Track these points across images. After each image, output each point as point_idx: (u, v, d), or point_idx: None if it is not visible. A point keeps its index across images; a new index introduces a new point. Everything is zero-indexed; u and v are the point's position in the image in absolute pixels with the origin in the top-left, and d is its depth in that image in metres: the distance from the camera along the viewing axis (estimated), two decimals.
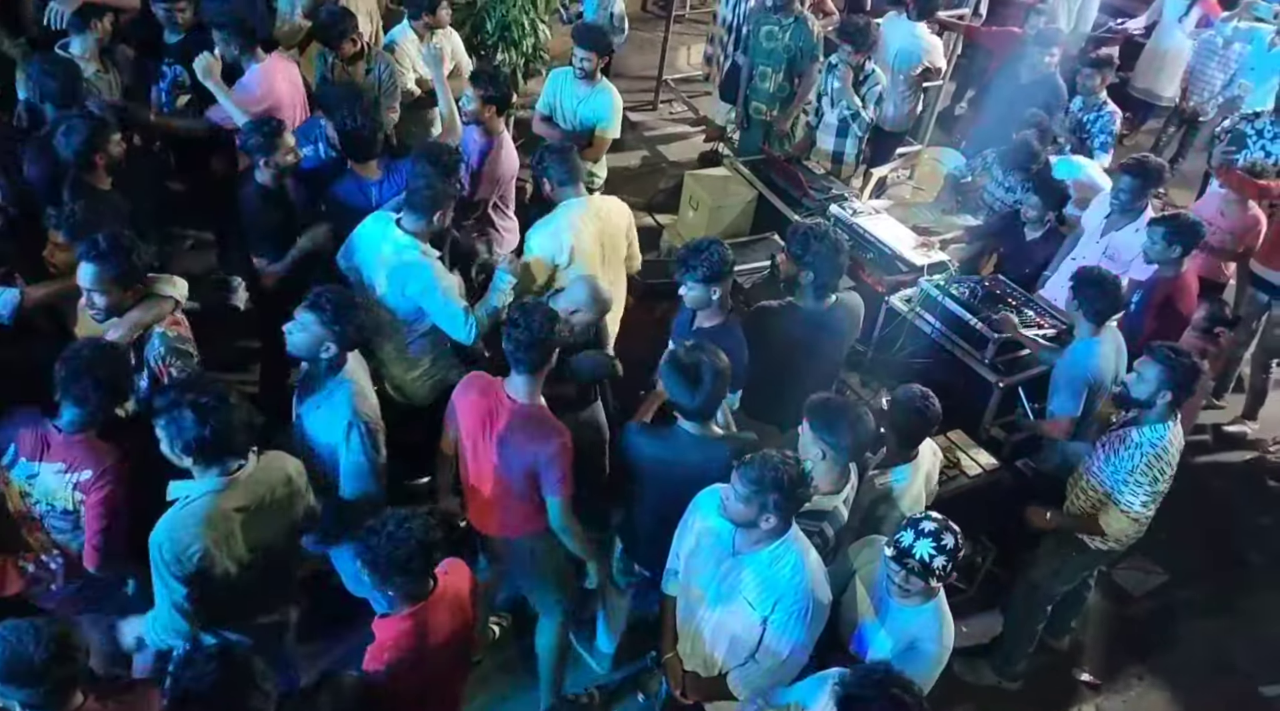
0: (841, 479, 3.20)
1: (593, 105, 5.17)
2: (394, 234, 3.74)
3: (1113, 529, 3.63)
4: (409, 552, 2.53)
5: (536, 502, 3.27)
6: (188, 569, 2.68)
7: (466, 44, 5.75)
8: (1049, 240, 5.03)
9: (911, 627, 2.91)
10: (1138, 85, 7.52)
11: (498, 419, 3.20)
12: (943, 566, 2.76)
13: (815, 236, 3.74)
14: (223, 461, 2.73)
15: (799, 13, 6.08)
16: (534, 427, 3.18)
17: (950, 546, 2.76)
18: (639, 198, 7.02)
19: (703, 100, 8.00)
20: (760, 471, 2.70)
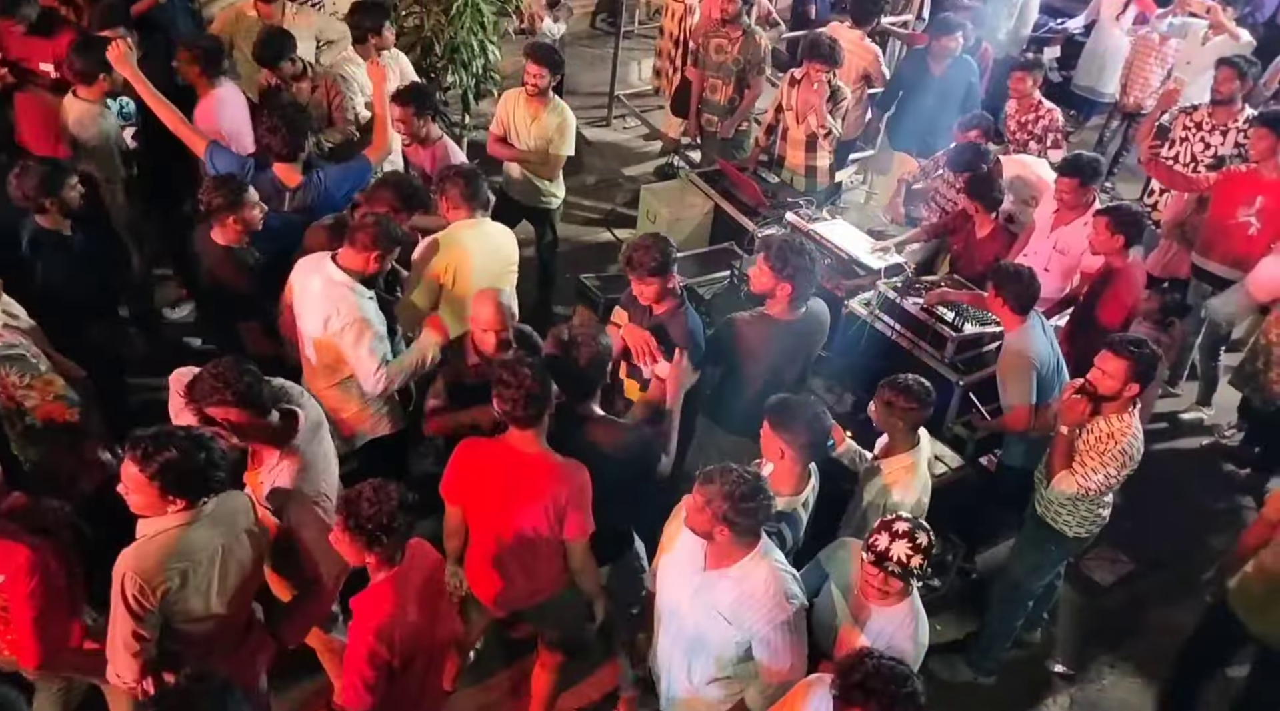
0: (801, 481, 3.23)
1: (546, 124, 5.19)
2: (328, 269, 3.62)
3: (1062, 485, 3.70)
4: (391, 512, 2.64)
5: (562, 554, 3.26)
6: (152, 602, 2.65)
7: (416, 67, 5.75)
8: (998, 238, 5.12)
9: (888, 628, 2.93)
10: (1080, 83, 7.68)
11: (511, 478, 3.12)
12: (920, 564, 2.80)
13: (793, 250, 3.79)
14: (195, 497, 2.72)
15: (747, 26, 6.15)
16: (551, 474, 3.13)
17: (925, 544, 2.80)
18: (597, 213, 7.06)
19: (655, 114, 8.05)
20: (712, 481, 2.73)
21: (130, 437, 2.67)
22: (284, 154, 4.18)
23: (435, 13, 6.02)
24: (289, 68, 4.90)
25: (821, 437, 3.18)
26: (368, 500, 2.65)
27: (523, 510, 3.14)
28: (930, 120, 6.30)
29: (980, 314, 4.66)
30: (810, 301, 3.99)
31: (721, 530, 2.76)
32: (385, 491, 2.67)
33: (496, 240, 4.19)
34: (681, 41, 6.97)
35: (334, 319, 3.57)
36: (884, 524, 2.86)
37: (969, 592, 4.60)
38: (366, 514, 2.63)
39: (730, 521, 2.74)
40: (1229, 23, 6.73)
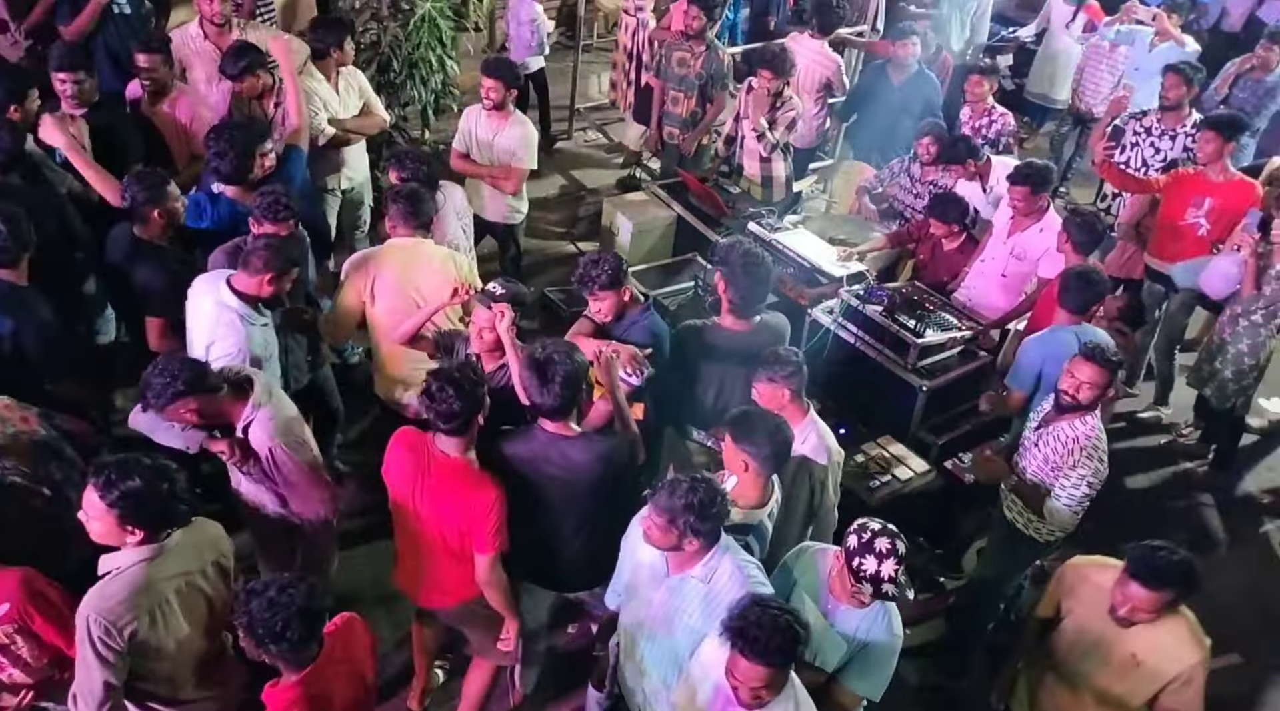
0: (766, 492, 3.24)
1: (507, 138, 5.18)
2: (221, 292, 3.58)
3: (1056, 518, 3.72)
4: (286, 619, 2.43)
5: (470, 562, 3.22)
6: (120, 643, 2.59)
7: (374, 83, 5.72)
8: (964, 249, 5.19)
9: (861, 626, 2.97)
10: (1032, 90, 7.82)
11: (428, 475, 3.15)
12: (906, 578, 2.89)
13: (736, 252, 3.82)
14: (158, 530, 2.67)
15: (710, 41, 6.19)
16: (464, 482, 3.14)
17: (904, 551, 2.85)
18: (560, 226, 7.06)
19: (616, 127, 8.07)
20: (670, 498, 2.74)
21: (94, 464, 2.63)
22: (232, 177, 4.16)
23: (393, 28, 6.00)
24: (254, 83, 4.85)
25: (784, 448, 3.19)
26: (268, 601, 2.44)
27: (434, 510, 3.16)
28: (889, 130, 6.39)
29: (942, 319, 4.71)
30: (768, 314, 4.02)
31: (691, 541, 2.79)
32: (289, 594, 2.44)
33: (431, 262, 4.07)
34: (635, 54, 7.00)
35: (215, 346, 3.57)
36: (864, 545, 2.84)
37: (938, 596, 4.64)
38: (260, 617, 2.43)
39: (699, 531, 2.77)
40: (1175, 30, 6.89)
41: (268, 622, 2.43)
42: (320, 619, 2.54)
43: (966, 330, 4.73)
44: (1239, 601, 4.86)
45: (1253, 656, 4.57)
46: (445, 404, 3.01)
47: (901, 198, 5.81)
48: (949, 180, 5.55)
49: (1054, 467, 3.70)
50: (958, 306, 4.97)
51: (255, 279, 3.54)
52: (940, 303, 4.89)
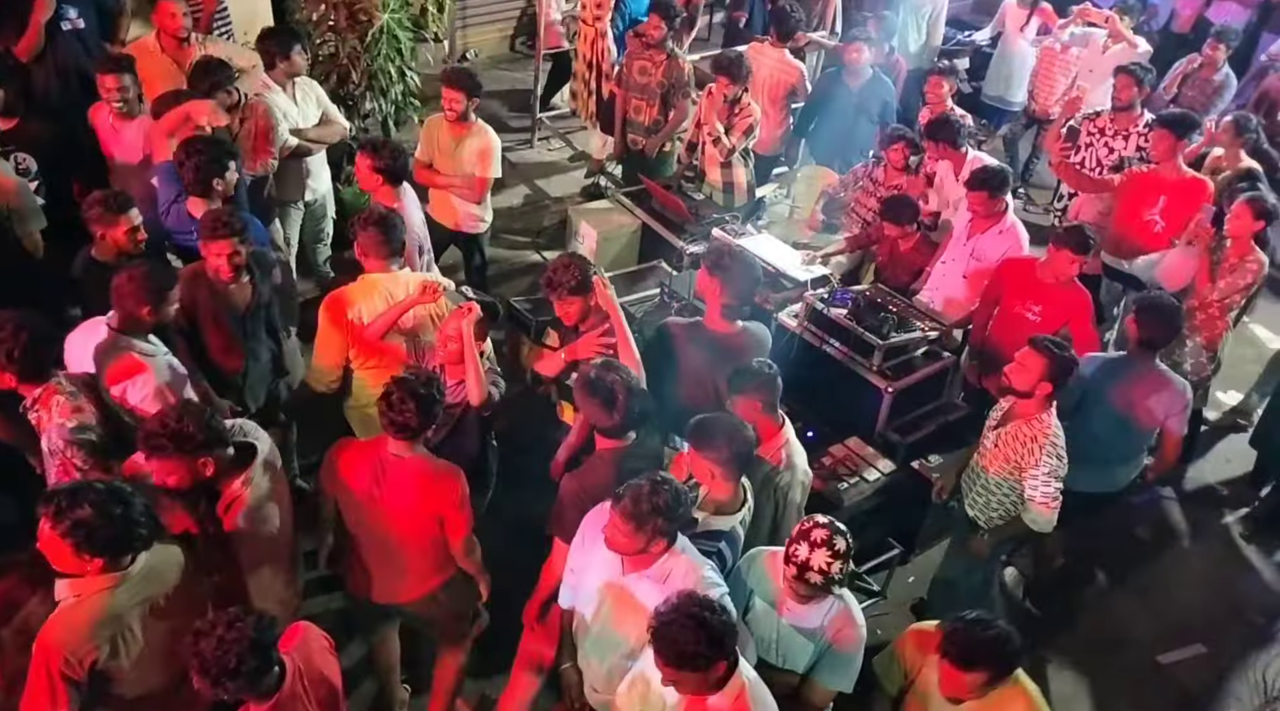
0: (736, 497, 3.25)
1: (470, 148, 5.17)
2: (103, 335, 3.48)
3: (1038, 522, 3.75)
4: (240, 654, 2.36)
5: (443, 547, 3.30)
6: (79, 673, 2.54)
7: (333, 95, 5.68)
8: (921, 249, 5.25)
9: (823, 622, 2.98)
10: (989, 93, 7.92)
11: (385, 478, 3.19)
12: (841, 570, 2.85)
13: (730, 253, 3.88)
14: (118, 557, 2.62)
15: (670, 50, 6.22)
16: (433, 475, 3.21)
17: (843, 549, 2.85)
18: (524, 235, 7.04)
19: (579, 135, 8.07)
20: (637, 505, 2.74)
21: (44, 493, 2.58)
22: (195, 188, 4.13)
23: (351, 40, 5.96)
24: (225, 99, 4.80)
25: (747, 447, 3.19)
26: (217, 639, 2.36)
27: (401, 509, 3.20)
28: (847, 135, 6.46)
29: (906, 321, 4.76)
30: (749, 323, 4.04)
31: (658, 542, 2.81)
32: (237, 629, 2.37)
33: (410, 291, 3.98)
34: (594, 63, 7.03)
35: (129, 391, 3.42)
36: (801, 532, 2.88)
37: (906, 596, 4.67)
38: (212, 657, 2.35)
39: (665, 532, 2.80)
40: (1127, 32, 7.01)
41: (221, 661, 2.34)
42: (272, 647, 2.48)
43: (930, 331, 4.78)
44: (1202, 592, 4.95)
45: (1217, 646, 4.65)
46: (402, 416, 3.10)
47: (865, 202, 5.86)
48: (930, 167, 5.65)
49: (1016, 467, 3.74)
50: (921, 308, 5.02)
51: (132, 310, 3.44)
52: (903, 304, 4.94)
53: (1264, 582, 5.03)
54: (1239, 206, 4.88)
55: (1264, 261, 4.95)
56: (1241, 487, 5.53)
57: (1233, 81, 6.88)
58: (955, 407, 5.00)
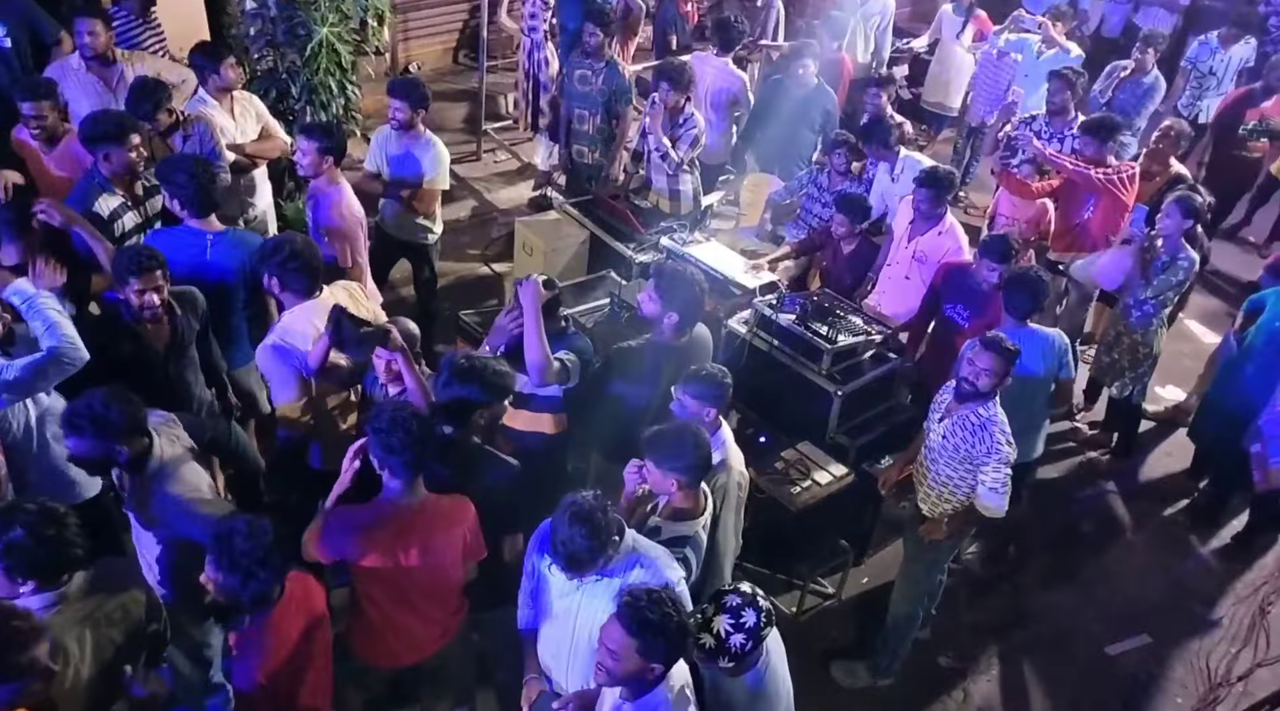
0: (699, 503, 3.25)
1: (418, 158, 5.13)
2: None
3: (990, 509, 3.81)
4: (266, 549, 2.64)
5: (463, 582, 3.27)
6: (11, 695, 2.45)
7: (273, 110, 5.60)
8: (862, 251, 5.32)
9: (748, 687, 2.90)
10: (929, 100, 8.07)
11: (411, 529, 3.05)
12: (740, 645, 2.66)
13: (683, 281, 3.88)
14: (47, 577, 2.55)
15: (609, 57, 6.23)
16: (447, 512, 3.13)
17: (750, 624, 2.67)
18: (473, 248, 7.00)
19: (525, 147, 8.05)
20: (568, 531, 2.76)
21: None
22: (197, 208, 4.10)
23: (290, 54, 5.88)
24: (164, 118, 4.70)
25: (706, 453, 3.19)
26: (243, 536, 2.64)
27: (433, 555, 3.10)
28: (790, 142, 6.53)
29: (853, 325, 4.81)
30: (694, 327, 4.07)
31: (608, 557, 2.83)
32: (261, 527, 2.67)
33: None
34: (531, 74, 7.04)
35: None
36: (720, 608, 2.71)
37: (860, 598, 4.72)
38: (241, 550, 2.63)
39: (615, 544, 2.83)
40: (1060, 37, 7.19)
41: (250, 554, 2.62)
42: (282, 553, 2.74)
43: (876, 334, 4.84)
44: (1146, 583, 5.06)
45: (1163, 635, 4.76)
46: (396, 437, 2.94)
47: (810, 208, 5.92)
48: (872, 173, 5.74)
49: (965, 457, 3.80)
50: (867, 311, 5.08)
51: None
52: (850, 308, 4.99)
53: (1204, 571, 5.16)
54: (1169, 206, 5.03)
55: (1195, 259, 5.10)
56: (1181, 480, 5.68)
57: (1161, 84, 7.08)
58: (904, 409, 5.06)
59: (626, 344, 4.03)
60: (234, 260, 4.15)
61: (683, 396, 3.52)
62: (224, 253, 4.14)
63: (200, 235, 4.13)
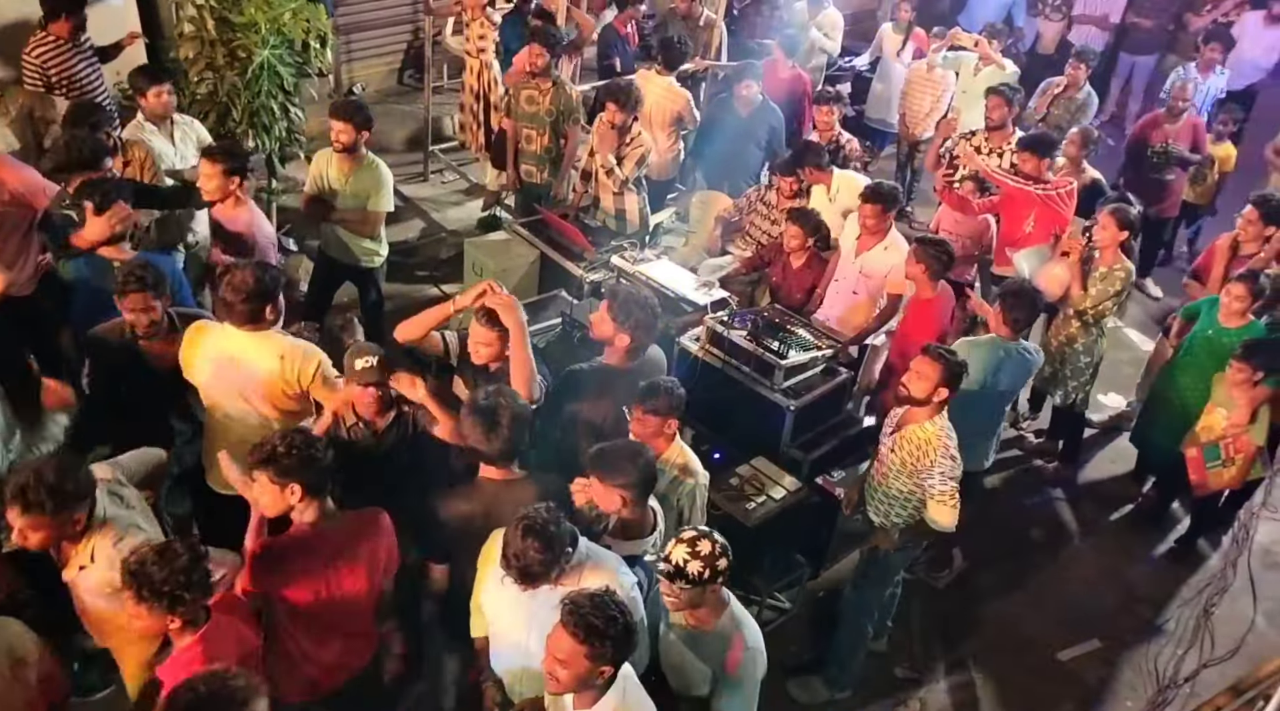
0: (646, 521, 3.26)
1: (361, 181, 5.08)
2: None
3: (940, 521, 3.84)
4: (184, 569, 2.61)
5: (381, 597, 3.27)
6: None
7: (214, 133, 5.52)
8: (811, 266, 5.37)
9: (717, 647, 2.98)
10: (871, 116, 8.21)
11: (339, 556, 3.06)
12: (699, 571, 2.81)
13: (637, 303, 3.89)
14: None
15: (556, 78, 6.24)
16: (369, 525, 3.14)
17: (706, 551, 2.83)
18: (422, 270, 6.94)
19: (473, 167, 8.02)
20: (520, 544, 2.76)
21: None
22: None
23: (230, 77, 5.80)
24: (104, 140, 4.58)
25: (652, 470, 3.21)
26: (155, 564, 2.59)
27: (358, 572, 3.10)
28: (737, 159, 6.60)
29: (804, 340, 4.85)
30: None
31: (558, 569, 2.85)
32: (171, 551, 2.62)
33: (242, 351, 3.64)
34: (481, 95, 7.02)
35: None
36: (677, 537, 2.92)
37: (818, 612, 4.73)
38: (159, 578, 2.58)
39: (565, 556, 2.85)
40: (995, 54, 7.37)
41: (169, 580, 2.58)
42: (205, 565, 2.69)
43: (827, 348, 4.88)
44: (1096, 587, 5.15)
45: (1113, 638, 4.85)
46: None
47: (759, 224, 5.97)
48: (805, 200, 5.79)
49: (912, 471, 3.84)
50: (817, 325, 5.13)
51: None
52: (801, 323, 5.04)
53: (1151, 575, 5.26)
54: (1104, 217, 5.17)
55: (1131, 269, 5.24)
56: (1126, 485, 5.80)
57: (1094, 99, 7.29)
58: (855, 421, 5.12)
59: (579, 366, 4.03)
60: None
61: (640, 414, 3.52)
62: None
63: None
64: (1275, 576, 5.19)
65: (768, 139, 6.67)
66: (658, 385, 3.56)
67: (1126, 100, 9.70)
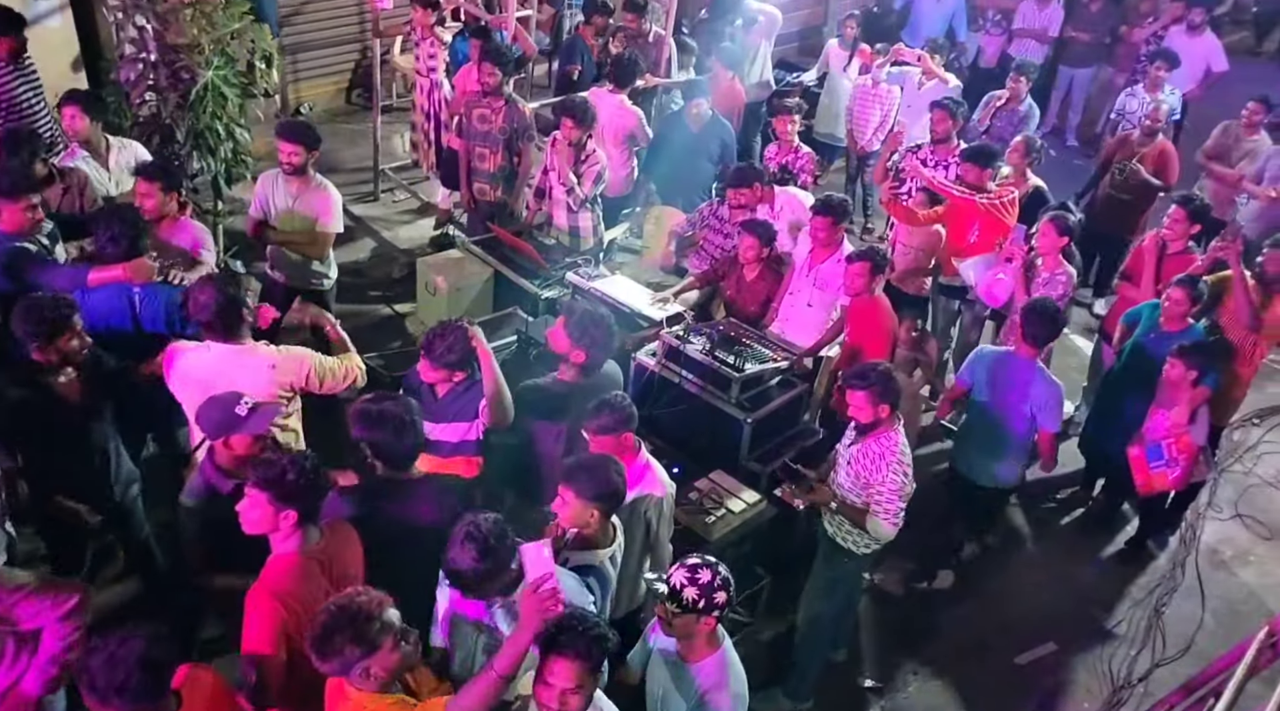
0: (605, 534, 3.25)
1: (309, 202, 5.02)
2: None
3: (878, 533, 3.90)
4: (128, 671, 2.33)
5: None
6: None
7: (158, 156, 5.42)
8: (765, 278, 5.41)
9: (705, 682, 2.95)
10: (820, 131, 8.30)
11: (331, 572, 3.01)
12: (694, 599, 2.81)
13: (593, 321, 3.91)
14: None
15: (508, 96, 6.23)
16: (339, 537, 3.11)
17: (706, 580, 2.81)
18: (374, 290, 6.88)
19: (424, 186, 7.97)
20: (462, 556, 2.73)
21: None
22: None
23: (173, 99, 5.70)
24: (40, 168, 4.48)
25: (622, 485, 3.21)
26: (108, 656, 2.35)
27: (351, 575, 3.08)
28: (689, 174, 6.64)
29: (759, 352, 4.88)
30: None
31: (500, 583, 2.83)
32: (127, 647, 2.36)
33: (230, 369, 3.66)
34: (432, 114, 7.00)
35: None
36: (682, 561, 2.92)
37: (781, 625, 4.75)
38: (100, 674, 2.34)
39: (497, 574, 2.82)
40: (938, 69, 7.51)
41: (109, 677, 2.32)
42: (165, 669, 2.43)
43: (782, 360, 4.91)
44: (1050, 592, 5.23)
45: (1067, 641, 4.92)
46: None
47: (713, 239, 6.00)
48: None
49: (864, 484, 3.88)
50: (772, 338, 5.16)
51: None
52: (756, 335, 5.07)
53: (1102, 577, 5.36)
54: (1045, 225, 5.29)
55: (1072, 273, 5.36)
56: (1075, 488, 5.90)
57: (1035, 111, 7.46)
58: (812, 432, 5.15)
59: (535, 381, 4.02)
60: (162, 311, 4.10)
61: (591, 434, 3.52)
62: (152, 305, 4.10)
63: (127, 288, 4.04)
64: (1222, 575, 5.33)
65: (719, 153, 6.73)
66: (603, 403, 3.56)
67: (1066, 112, 9.94)
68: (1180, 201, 5.59)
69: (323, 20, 8.81)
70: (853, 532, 4.01)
